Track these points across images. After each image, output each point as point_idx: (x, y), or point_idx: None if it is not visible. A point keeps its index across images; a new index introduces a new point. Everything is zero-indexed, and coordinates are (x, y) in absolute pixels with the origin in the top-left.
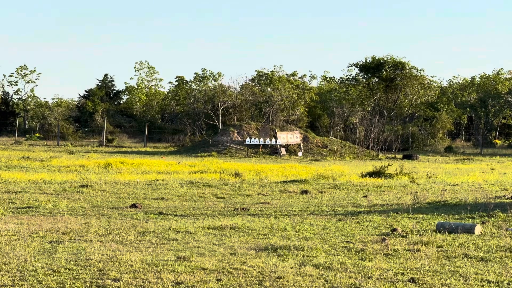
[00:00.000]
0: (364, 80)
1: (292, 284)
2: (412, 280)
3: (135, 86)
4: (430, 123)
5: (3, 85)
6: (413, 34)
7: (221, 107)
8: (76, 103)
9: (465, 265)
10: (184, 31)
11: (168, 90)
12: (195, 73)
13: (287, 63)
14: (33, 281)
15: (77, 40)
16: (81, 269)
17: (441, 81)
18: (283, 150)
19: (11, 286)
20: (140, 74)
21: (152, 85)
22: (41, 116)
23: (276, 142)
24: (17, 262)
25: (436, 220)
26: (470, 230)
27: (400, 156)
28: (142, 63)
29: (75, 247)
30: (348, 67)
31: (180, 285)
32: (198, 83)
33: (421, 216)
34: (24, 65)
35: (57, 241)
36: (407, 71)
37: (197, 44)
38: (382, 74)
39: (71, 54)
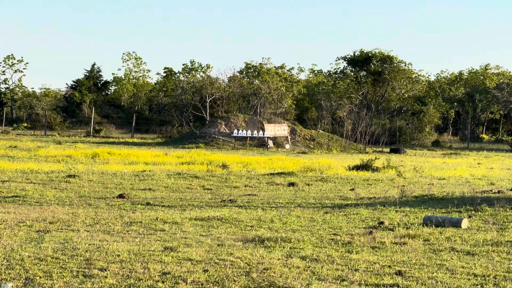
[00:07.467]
0: (352, 74)
1: (279, 275)
2: (399, 273)
3: (123, 77)
4: (418, 117)
5: None
6: (401, 28)
7: (209, 99)
8: (63, 93)
9: (452, 259)
10: (173, 22)
11: (156, 81)
12: (183, 65)
13: (275, 56)
14: (20, 270)
15: (65, 30)
16: (68, 259)
17: (429, 75)
18: (270, 143)
19: None
20: (127, 65)
21: (140, 76)
22: (28, 106)
23: (263, 134)
24: (4, 251)
25: (423, 213)
26: (457, 224)
27: (387, 149)
28: (129, 54)
29: (62, 237)
30: (336, 60)
31: (167, 275)
32: (187, 74)
33: (408, 209)
34: (12, 54)
35: (44, 230)
36: (395, 65)
37: (186, 36)
38: (370, 68)
39: (59, 44)
